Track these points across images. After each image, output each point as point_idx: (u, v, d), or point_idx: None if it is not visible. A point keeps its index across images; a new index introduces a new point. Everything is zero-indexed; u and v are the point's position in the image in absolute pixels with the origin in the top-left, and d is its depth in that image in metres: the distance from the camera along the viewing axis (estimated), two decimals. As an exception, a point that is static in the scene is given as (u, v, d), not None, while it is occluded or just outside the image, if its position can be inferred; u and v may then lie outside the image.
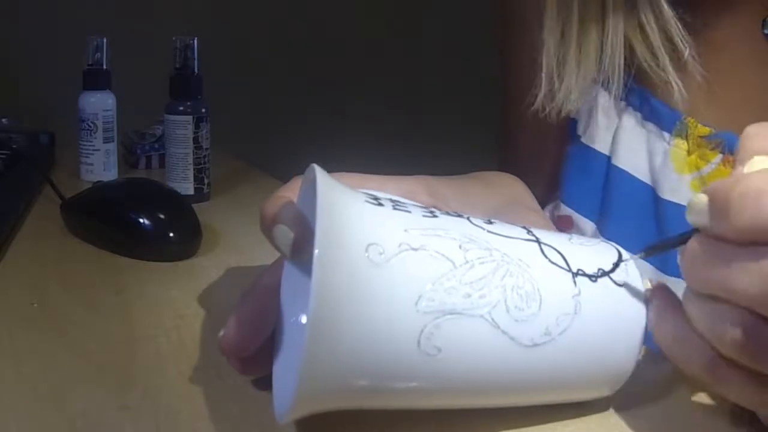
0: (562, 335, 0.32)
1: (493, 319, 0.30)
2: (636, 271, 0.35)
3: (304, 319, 0.34)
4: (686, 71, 0.52)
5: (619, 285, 0.34)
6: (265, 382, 0.36)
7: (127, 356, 0.41)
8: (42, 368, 0.39)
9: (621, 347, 0.34)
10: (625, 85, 0.55)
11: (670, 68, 0.52)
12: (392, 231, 0.30)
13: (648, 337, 0.34)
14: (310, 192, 0.31)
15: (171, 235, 0.58)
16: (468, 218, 0.33)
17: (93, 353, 0.41)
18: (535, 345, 0.31)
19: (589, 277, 0.33)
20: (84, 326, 0.45)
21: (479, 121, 1.75)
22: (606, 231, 0.56)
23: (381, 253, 0.29)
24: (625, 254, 0.35)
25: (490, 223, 0.34)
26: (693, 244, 0.30)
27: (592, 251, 0.35)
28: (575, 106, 0.56)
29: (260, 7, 1.64)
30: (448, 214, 0.33)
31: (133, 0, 1.51)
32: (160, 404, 0.36)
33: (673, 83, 0.51)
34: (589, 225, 0.58)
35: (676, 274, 0.53)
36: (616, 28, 0.53)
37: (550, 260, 0.33)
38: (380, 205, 0.32)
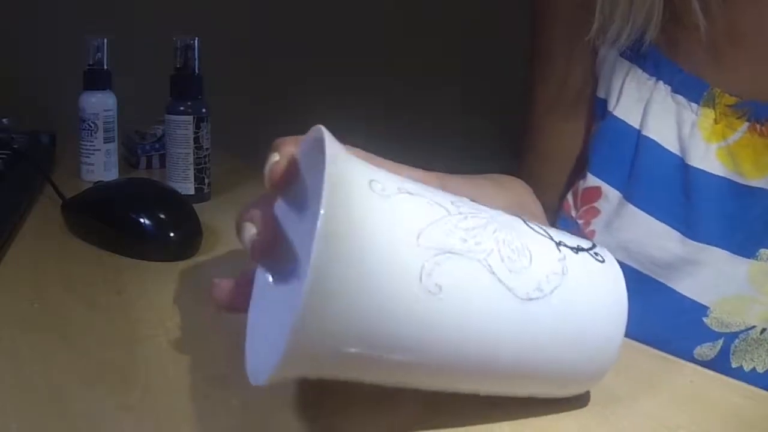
0: (553, 294, 0.33)
1: (490, 266, 0.31)
2: (612, 259, 0.36)
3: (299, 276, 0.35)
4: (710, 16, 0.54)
5: (600, 261, 0.35)
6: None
7: (128, 356, 0.41)
8: (42, 368, 0.39)
9: (606, 322, 0.34)
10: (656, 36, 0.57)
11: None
12: (390, 178, 0.32)
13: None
14: (312, 145, 0.33)
15: (171, 235, 0.59)
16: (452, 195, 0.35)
17: (93, 353, 0.41)
18: (530, 299, 0.32)
19: (571, 248, 0.35)
20: (84, 326, 0.45)
21: (482, 121, 1.75)
22: (633, 197, 0.57)
23: (383, 189, 0.31)
24: (599, 246, 0.37)
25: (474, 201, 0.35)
26: None
27: (570, 235, 0.36)
28: (625, 42, 0.58)
29: (260, 7, 1.65)
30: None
31: (133, 0, 1.51)
32: (160, 404, 0.36)
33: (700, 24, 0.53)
34: (615, 194, 0.58)
35: (703, 239, 0.54)
36: None
37: (534, 229, 0.34)
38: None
